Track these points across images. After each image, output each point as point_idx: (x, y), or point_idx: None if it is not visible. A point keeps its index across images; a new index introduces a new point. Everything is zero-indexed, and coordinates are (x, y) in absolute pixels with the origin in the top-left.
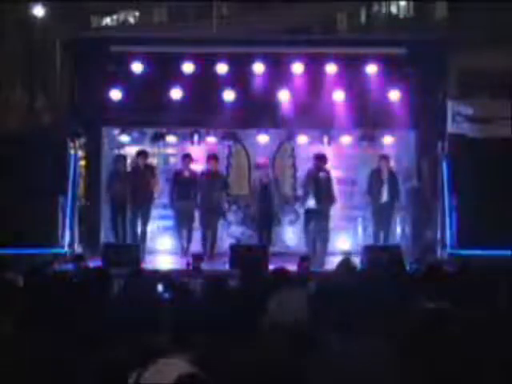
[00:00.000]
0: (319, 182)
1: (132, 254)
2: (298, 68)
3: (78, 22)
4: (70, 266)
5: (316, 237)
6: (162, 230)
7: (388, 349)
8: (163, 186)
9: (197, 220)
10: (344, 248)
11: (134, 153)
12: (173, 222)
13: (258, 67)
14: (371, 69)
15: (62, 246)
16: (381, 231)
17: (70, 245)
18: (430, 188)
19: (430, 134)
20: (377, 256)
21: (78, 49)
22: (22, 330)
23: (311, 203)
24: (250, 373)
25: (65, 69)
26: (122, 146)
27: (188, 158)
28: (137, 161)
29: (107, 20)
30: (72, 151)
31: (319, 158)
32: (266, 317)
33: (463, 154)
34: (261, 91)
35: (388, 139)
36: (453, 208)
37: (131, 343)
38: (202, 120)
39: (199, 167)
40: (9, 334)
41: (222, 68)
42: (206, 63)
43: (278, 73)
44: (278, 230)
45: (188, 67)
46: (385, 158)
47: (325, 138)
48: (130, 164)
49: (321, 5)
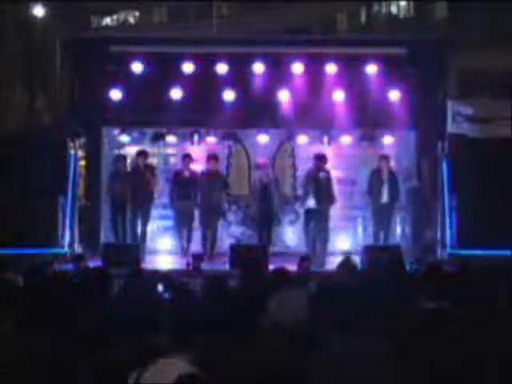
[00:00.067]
0: (319, 182)
1: (132, 254)
2: (298, 68)
3: (78, 22)
4: (70, 266)
5: (316, 237)
6: (162, 230)
7: (388, 349)
8: (163, 186)
9: (197, 220)
10: (344, 248)
11: (133, 153)
12: (173, 222)
13: (258, 67)
14: (371, 69)
15: (62, 245)
16: (381, 231)
17: (70, 245)
18: (430, 188)
19: (430, 134)
20: (377, 256)
21: (78, 49)
22: (22, 330)
23: (311, 203)
24: (250, 373)
25: (65, 69)
26: (122, 145)
27: (188, 158)
28: (137, 161)
29: (107, 20)
30: (72, 151)
31: (319, 157)
32: (266, 317)
33: (463, 154)
34: (261, 91)
35: (388, 139)
36: (453, 208)
37: (131, 343)
38: (202, 120)
39: (199, 167)
40: (9, 334)
41: (221, 68)
42: (205, 63)
43: (278, 73)
44: (278, 230)
45: (188, 67)
46: (385, 158)
47: (325, 138)
48: (130, 164)
49: (321, 5)
